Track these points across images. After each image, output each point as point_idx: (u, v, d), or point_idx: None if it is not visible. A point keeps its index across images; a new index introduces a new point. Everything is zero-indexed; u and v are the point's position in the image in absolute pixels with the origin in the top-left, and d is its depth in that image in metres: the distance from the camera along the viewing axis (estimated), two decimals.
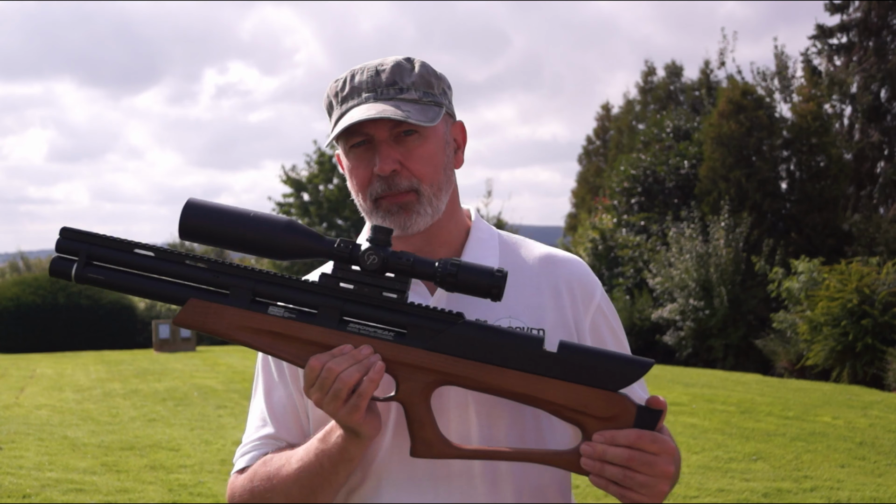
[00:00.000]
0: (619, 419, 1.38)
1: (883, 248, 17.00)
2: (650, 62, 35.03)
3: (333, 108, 1.62)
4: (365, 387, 1.37)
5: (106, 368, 15.65)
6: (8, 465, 7.36)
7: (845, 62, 21.19)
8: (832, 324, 13.36)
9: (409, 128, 1.55)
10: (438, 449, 1.42)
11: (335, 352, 1.38)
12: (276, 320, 1.41)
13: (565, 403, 1.39)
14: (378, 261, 1.39)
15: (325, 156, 31.28)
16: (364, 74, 1.59)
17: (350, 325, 1.41)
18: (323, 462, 1.48)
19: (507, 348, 1.40)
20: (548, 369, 1.39)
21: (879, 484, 6.72)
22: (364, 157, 1.57)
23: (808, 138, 18.96)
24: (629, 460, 1.36)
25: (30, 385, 13.11)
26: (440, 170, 1.59)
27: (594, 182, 29.85)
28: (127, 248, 1.44)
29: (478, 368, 1.40)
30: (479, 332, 1.41)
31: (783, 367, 15.03)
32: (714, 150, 18.87)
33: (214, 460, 7.64)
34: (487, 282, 1.38)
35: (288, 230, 1.40)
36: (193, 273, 1.43)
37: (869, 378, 12.89)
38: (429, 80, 1.60)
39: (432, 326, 1.41)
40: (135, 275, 1.44)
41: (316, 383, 1.38)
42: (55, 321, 22.35)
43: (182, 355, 18.61)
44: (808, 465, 7.31)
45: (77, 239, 1.44)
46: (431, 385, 1.41)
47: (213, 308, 1.42)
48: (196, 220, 1.41)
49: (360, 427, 1.40)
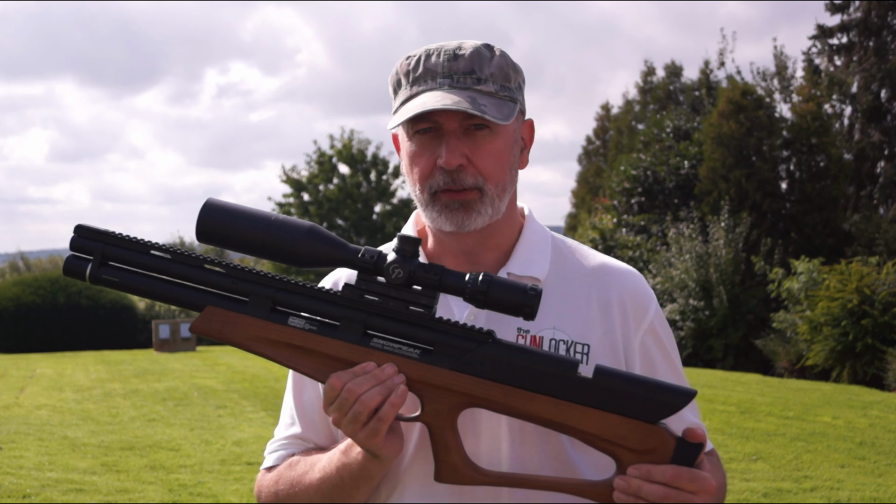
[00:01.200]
0: (655, 452, 1.30)
1: (883, 248, 16.99)
2: (650, 62, 35.04)
3: (401, 86, 1.51)
4: (386, 411, 1.30)
5: (106, 368, 15.65)
6: (8, 465, 7.36)
7: (845, 62, 21.19)
8: (832, 324, 13.36)
9: (481, 122, 1.46)
10: (465, 474, 1.35)
11: (357, 370, 1.32)
12: (297, 332, 1.34)
13: (598, 433, 1.31)
14: (403, 274, 1.31)
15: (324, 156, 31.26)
16: (441, 56, 1.48)
17: (374, 339, 1.34)
18: (343, 477, 1.44)
19: (538, 371, 1.31)
20: (581, 396, 1.31)
21: (879, 484, 6.72)
22: (429, 146, 1.48)
23: (808, 138, 18.96)
24: (665, 498, 1.29)
25: (30, 385, 13.11)
26: (506, 169, 1.50)
27: (594, 182, 29.85)
28: (143, 248, 1.37)
29: (506, 392, 1.31)
30: (509, 353, 1.32)
31: (783, 367, 15.03)
32: (714, 151, 18.87)
33: (214, 460, 7.64)
34: (520, 300, 1.29)
35: (310, 236, 1.33)
36: (212, 278, 1.37)
37: (869, 378, 12.89)
38: (507, 73, 1.50)
39: (460, 345, 1.33)
40: (151, 277, 1.38)
41: (335, 403, 1.32)
42: (55, 321, 22.35)
43: (182, 355, 18.61)
44: (808, 465, 7.31)
45: (92, 238, 1.38)
46: (458, 407, 1.34)
47: (232, 317, 1.35)
48: (214, 222, 1.34)
49: (379, 451, 1.35)
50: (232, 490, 6.64)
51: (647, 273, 18.90)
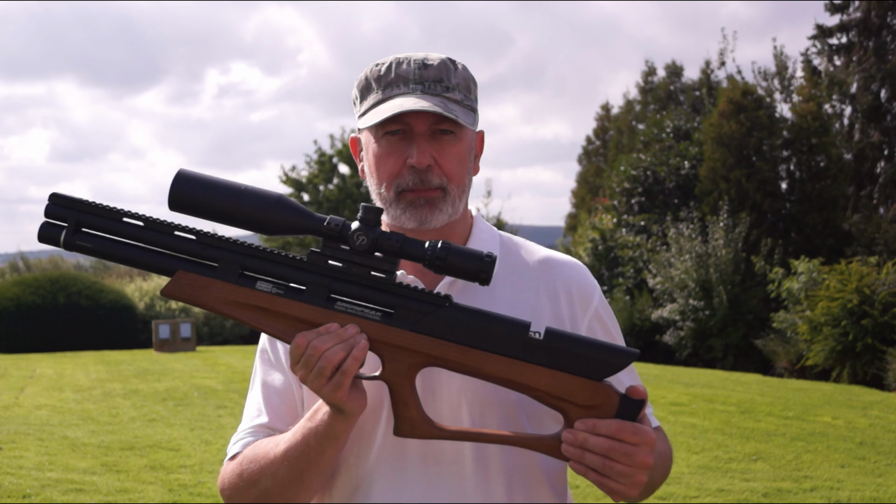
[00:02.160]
0: (601, 408, 1.39)
1: (883, 248, 17.00)
2: (650, 62, 35.05)
3: (371, 90, 1.60)
4: (349, 364, 1.37)
5: (106, 368, 15.65)
6: (8, 465, 7.36)
7: (845, 62, 21.20)
8: (832, 324, 13.36)
9: (447, 127, 1.56)
10: (422, 429, 1.42)
11: (321, 330, 1.38)
12: (264, 296, 1.40)
13: (548, 390, 1.39)
14: (367, 241, 1.39)
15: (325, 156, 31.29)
16: (410, 65, 1.58)
17: (338, 303, 1.40)
18: (309, 440, 1.47)
19: (492, 333, 1.39)
20: (532, 356, 1.39)
21: (879, 484, 6.73)
22: (398, 147, 1.57)
23: (808, 138, 18.97)
24: (609, 450, 1.36)
25: (30, 385, 13.11)
26: (466, 172, 1.62)
27: (594, 182, 29.86)
28: (116, 216, 1.42)
29: (462, 352, 1.39)
30: (466, 316, 1.40)
31: (783, 367, 15.04)
32: (714, 151, 18.87)
33: (214, 460, 7.64)
34: (476, 266, 1.37)
35: (278, 205, 1.39)
36: (182, 244, 1.41)
37: (869, 378, 12.89)
38: (469, 85, 1.62)
39: (420, 308, 1.40)
40: (124, 244, 1.42)
41: (301, 360, 1.38)
42: (55, 321, 22.35)
43: (182, 355, 18.61)
44: (808, 465, 7.31)
45: (66, 205, 1.42)
46: (416, 366, 1.41)
47: (202, 281, 1.40)
48: (186, 192, 1.39)
49: (344, 404, 1.40)
50: None
51: (648, 273, 18.91)
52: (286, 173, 30.56)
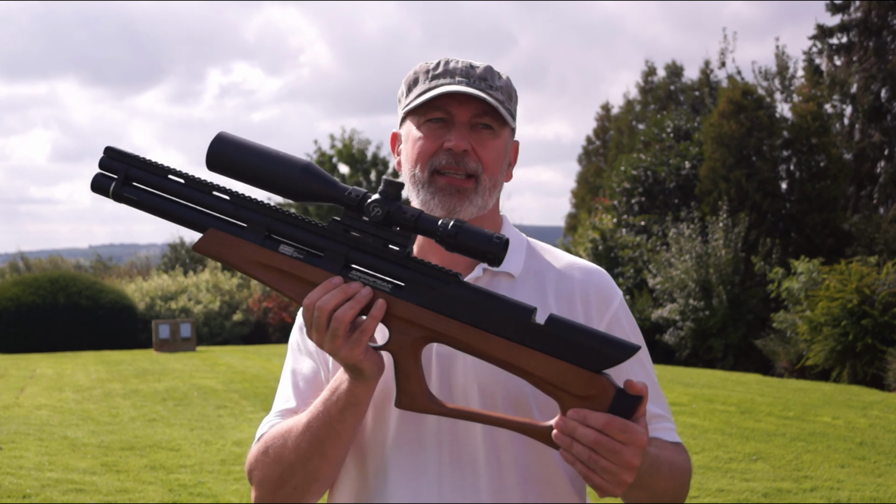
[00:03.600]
0: (595, 399, 1.38)
1: (883, 248, 17.00)
2: (650, 62, 35.04)
3: (419, 82, 1.66)
4: (367, 323, 1.40)
5: (106, 368, 15.65)
6: (8, 465, 7.36)
7: (846, 62, 21.19)
8: (832, 324, 13.36)
9: (487, 121, 1.62)
10: (421, 403, 1.45)
11: (325, 285, 1.41)
12: (284, 259, 1.45)
13: (545, 377, 1.40)
14: (382, 213, 1.42)
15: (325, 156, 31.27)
16: (459, 64, 1.66)
17: (352, 271, 1.44)
18: (330, 409, 1.51)
19: (496, 314, 1.41)
20: (532, 341, 1.40)
21: (879, 484, 6.73)
22: (437, 132, 1.63)
23: (808, 138, 18.97)
24: (595, 444, 1.35)
25: (30, 385, 13.11)
26: (500, 169, 1.66)
27: (594, 182, 29.85)
28: (162, 172, 1.50)
29: (464, 330, 1.42)
30: (472, 295, 1.42)
31: (783, 367, 15.04)
32: (714, 151, 18.87)
33: (214, 460, 7.64)
34: (485, 246, 1.39)
35: (305, 172, 1.44)
36: (217, 203, 1.49)
37: (869, 378, 12.89)
38: (510, 93, 1.68)
39: (429, 283, 1.43)
40: (165, 199, 1.50)
41: (313, 323, 1.42)
42: (55, 321, 22.35)
43: (182, 355, 18.61)
44: (808, 465, 7.31)
45: (118, 158, 1.52)
46: (421, 340, 1.44)
47: (229, 240, 1.47)
48: (223, 152, 1.46)
49: (362, 364, 1.43)
50: (232, 490, 6.64)
51: (648, 273, 18.91)
52: None
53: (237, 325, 24.72)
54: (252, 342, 24.25)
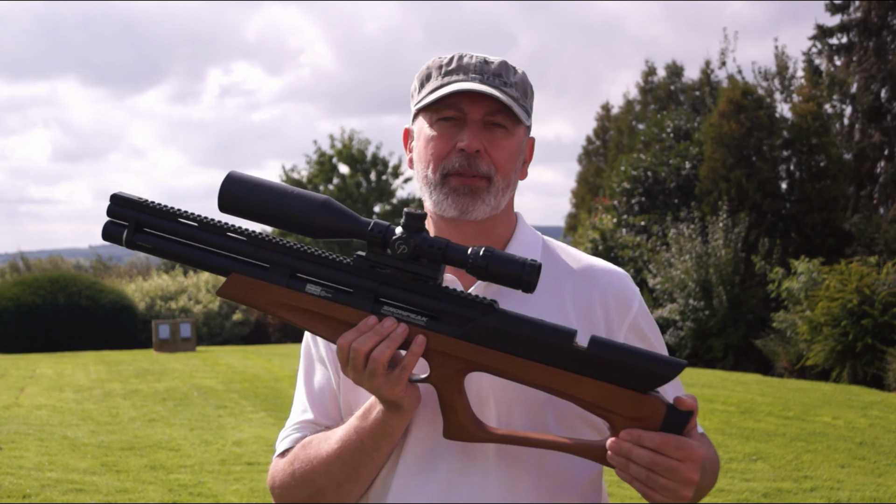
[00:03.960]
0: (647, 420, 1.37)
1: (883, 248, 17.00)
2: (650, 62, 35.04)
3: (431, 78, 1.63)
4: (408, 360, 1.39)
5: (106, 368, 15.65)
6: (8, 465, 7.36)
7: (846, 62, 21.19)
8: (832, 324, 13.36)
9: (500, 120, 1.59)
10: (470, 432, 1.43)
11: (360, 327, 1.39)
12: (313, 299, 1.43)
13: (593, 401, 1.39)
14: (408, 249, 1.39)
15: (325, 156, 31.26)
16: (473, 59, 1.62)
17: (384, 307, 1.42)
18: (364, 438, 1.49)
19: (536, 341, 1.39)
20: (577, 366, 1.38)
21: (879, 484, 6.73)
22: (449, 132, 1.59)
23: (808, 138, 18.96)
24: (652, 463, 1.35)
25: (30, 385, 13.11)
26: (513, 169, 1.62)
27: (594, 182, 29.85)
28: (172, 217, 1.47)
29: (506, 360, 1.40)
30: (510, 323, 1.40)
31: (783, 367, 15.04)
32: (714, 151, 18.87)
33: (214, 460, 7.64)
34: (518, 273, 1.37)
35: (324, 209, 1.41)
36: (235, 245, 1.46)
37: (869, 378, 12.89)
38: (525, 89, 1.65)
39: (465, 314, 1.41)
40: (180, 243, 1.47)
41: (349, 363, 1.40)
42: (55, 321, 22.34)
43: (182, 355, 18.61)
44: (808, 465, 7.31)
45: (126, 206, 1.49)
46: (462, 371, 1.42)
47: (255, 284, 1.44)
48: (235, 194, 1.42)
49: (402, 400, 1.42)
50: (232, 490, 6.64)
51: (648, 273, 18.90)
52: (286, 173, 30.55)
53: (237, 325, 24.72)
54: (252, 342, 24.25)
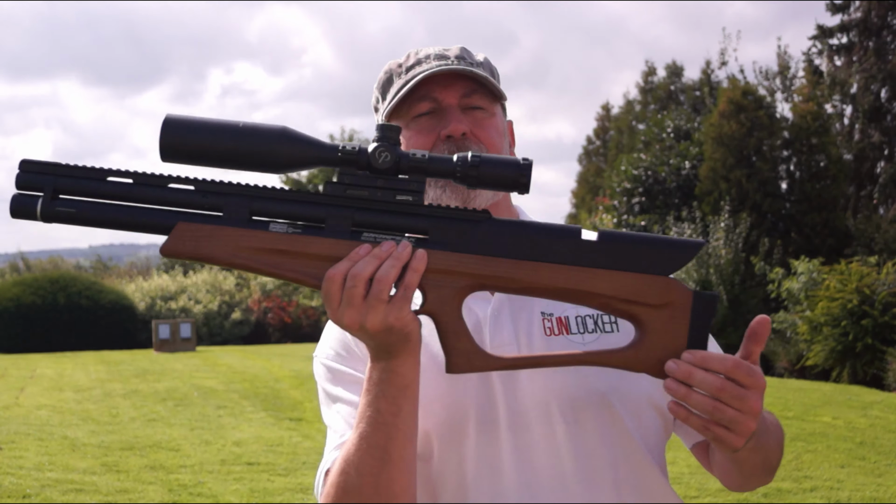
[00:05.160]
0: (674, 306, 1.27)
1: (883, 248, 16.99)
2: (650, 62, 35.04)
3: (394, 80, 1.52)
4: (409, 278, 1.22)
5: (106, 368, 15.64)
6: (8, 465, 7.36)
7: (846, 62, 21.20)
8: (832, 324, 13.36)
9: (477, 102, 1.48)
10: (479, 361, 1.28)
11: (352, 256, 1.22)
12: (280, 237, 1.24)
13: (614, 294, 1.26)
14: (391, 158, 1.24)
15: None
16: (430, 50, 1.52)
17: (364, 234, 1.26)
18: (379, 406, 1.29)
19: (543, 241, 1.27)
20: (591, 259, 1.26)
21: (879, 484, 6.72)
22: (427, 125, 1.49)
23: (808, 138, 18.97)
24: (720, 390, 1.20)
25: (30, 385, 13.10)
26: (503, 149, 1.51)
27: (594, 182, 29.85)
28: (99, 175, 1.25)
29: (513, 266, 1.26)
30: (511, 228, 1.27)
31: (783, 367, 15.04)
32: (714, 151, 18.88)
33: (214, 460, 7.64)
34: (514, 172, 1.24)
35: (284, 137, 1.23)
36: (180, 197, 1.25)
37: (869, 378, 12.89)
38: (492, 69, 1.56)
39: (457, 227, 1.27)
40: (111, 205, 1.25)
41: (343, 298, 1.22)
42: (55, 321, 22.35)
43: (182, 355, 18.61)
44: (808, 465, 7.30)
45: (40, 171, 1.24)
46: (463, 290, 1.27)
47: (206, 230, 1.23)
48: (179, 137, 1.22)
49: (411, 325, 1.24)
50: (232, 490, 6.64)
51: None
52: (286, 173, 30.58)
53: (237, 325, 24.72)
54: (252, 342, 24.24)
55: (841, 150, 19.80)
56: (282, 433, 8.85)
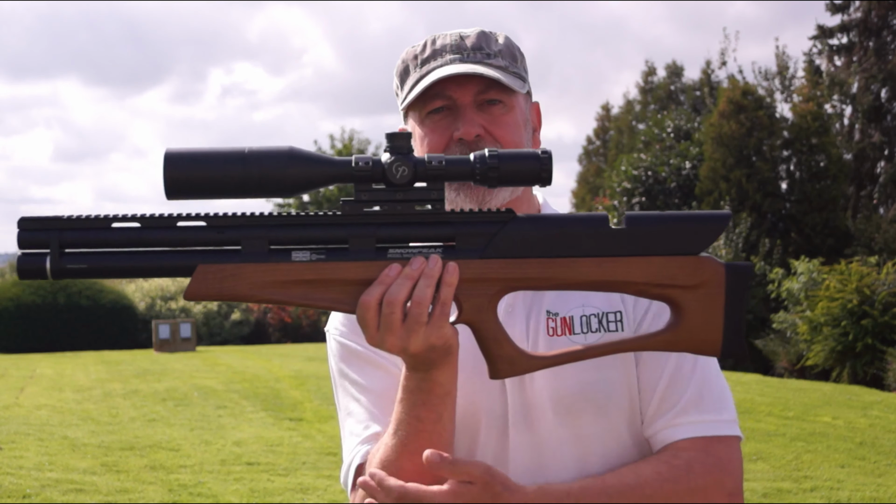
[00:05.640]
0: (709, 284, 1.27)
1: (883, 247, 16.99)
2: (650, 62, 35.03)
3: (410, 72, 1.49)
4: (444, 294, 1.21)
5: (106, 368, 15.64)
6: (8, 465, 7.36)
7: (846, 62, 21.20)
8: (832, 324, 13.36)
9: (494, 96, 1.44)
10: (522, 363, 1.27)
11: (383, 279, 1.20)
12: (306, 266, 1.20)
13: (648, 280, 1.26)
14: (408, 171, 1.20)
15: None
16: (447, 39, 1.47)
17: (390, 251, 1.23)
18: (420, 415, 1.29)
19: (570, 235, 1.25)
20: (621, 248, 1.25)
21: (879, 484, 6.72)
22: (442, 124, 1.45)
23: (808, 138, 18.97)
24: None
25: (30, 385, 13.11)
26: (522, 143, 1.48)
27: (594, 182, 29.86)
28: (104, 224, 1.20)
29: (544, 265, 1.24)
30: (538, 225, 1.25)
31: (783, 367, 15.04)
32: (714, 151, 18.88)
33: (214, 460, 7.64)
34: (535, 166, 1.22)
35: (292, 159, 1.19)
36: (192, 235, 1.21)
37: (869, 378, 12.89)
38: (513, 53, 1.50)
39: (483, 231, 1.24)
40: (123, 254, 1.21)
41: (381, 325, 1.21)
42: (55, 321, 22.35)
43: (182, 355, 18.61)
44: (808, 465, 7.30)
45: (42, 227, 1.20)
46: (497, 295, 1.26)
47: (229, 270, 1.19)
48: (185, 172, 1.18)
49: (452, 339, 1.24)
50: (232, 490, 6.64)
51: None
52: None
53: (237, 324, 24.73)
54: (252, 342, 24.24)
55: (841, 150, 19.81)
56: (282, 433, 8.85)
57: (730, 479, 1.43)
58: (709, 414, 1.46)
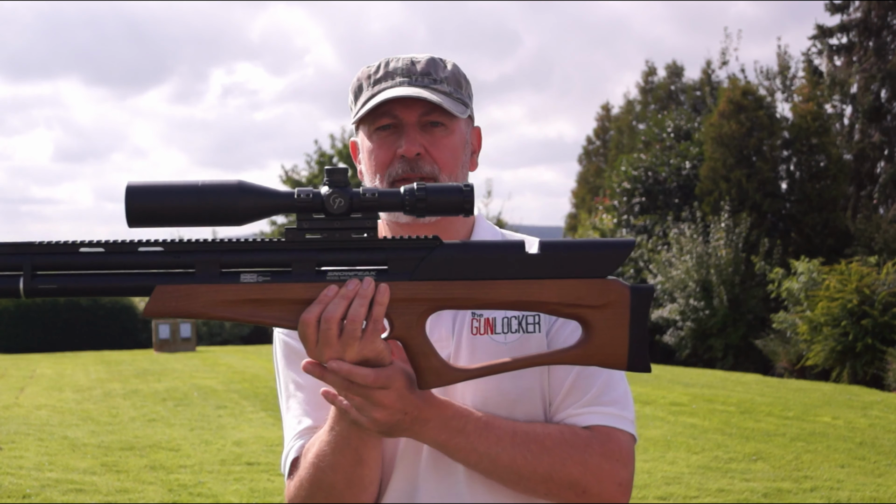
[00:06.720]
0: (614, 303, 1.40)
1: (883, 247, 17.00)
2: (651, 62, 35.02)
3: (363, 90, 1.63)
4: (376, 312, 1.34)
5: (106, 368, 15.65)
6: (8, 465, 7.36)
7: (846, 62, 21.19)
8: (832, 324, 13.36)
9: (436, 119, 1.59)
10: (448, 374, 1.41)
11: (322, 299, 1.33)
12: (252, 287, 1.35)
13: (561, 300, 1.40)
14: (344, 203, 1.35)
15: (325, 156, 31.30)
16: (399, 62, 1.62)
17: (329, 274, 1.36)
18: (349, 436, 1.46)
19: (491, 261, 1.39)
20: (536, 271, 1.39)
21: (879, 484, 6.72)
22: (388, 140, 1.60)
23: (808, 138, 18.98)
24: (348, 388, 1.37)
25: (30, 385, 13.11)
26: (459, 165, 1.63)
27: (594, 182, 29.86)
28: (72, 248, 1.34)
29: (468, 287, 1.39)
30: (462, 251, 1.39)
31: (783, 367, 15.04)
32: (714, 151, 18.88)
33: (214, 460, 7.64)
34: (458, 199, 1.36)
35: (241, 192, 1.32)
36: (151, 259, 1.35)
37: (869, 378, 12.89)
38: (459, 80, 1.65)
39: (413, 256, 1.38)
40: (89, 275, 1.35)
41: (319, 339, 1.34)
42: (55, 321, 22.36)
43: (182, 355, 18.61)
44: (808, 465, 7.30)
45: (15, 252, 1.33)
46: (425, 313, 1.39)
47: (183, 290, 1.34)
48: (144, 203, 1.32)
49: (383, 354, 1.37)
50: (232, 490, 6.64)
51: (648, 273, 18.91)
52: (287, 173, 30.57)
53: (237, 324, 24.75)
54: (252, 342, 24.25)
55: (841, 150, 19.81)
56: (281, 433, 8.85)
57: (624, 471, 1.54)
58: (612, 408, 1.57)
